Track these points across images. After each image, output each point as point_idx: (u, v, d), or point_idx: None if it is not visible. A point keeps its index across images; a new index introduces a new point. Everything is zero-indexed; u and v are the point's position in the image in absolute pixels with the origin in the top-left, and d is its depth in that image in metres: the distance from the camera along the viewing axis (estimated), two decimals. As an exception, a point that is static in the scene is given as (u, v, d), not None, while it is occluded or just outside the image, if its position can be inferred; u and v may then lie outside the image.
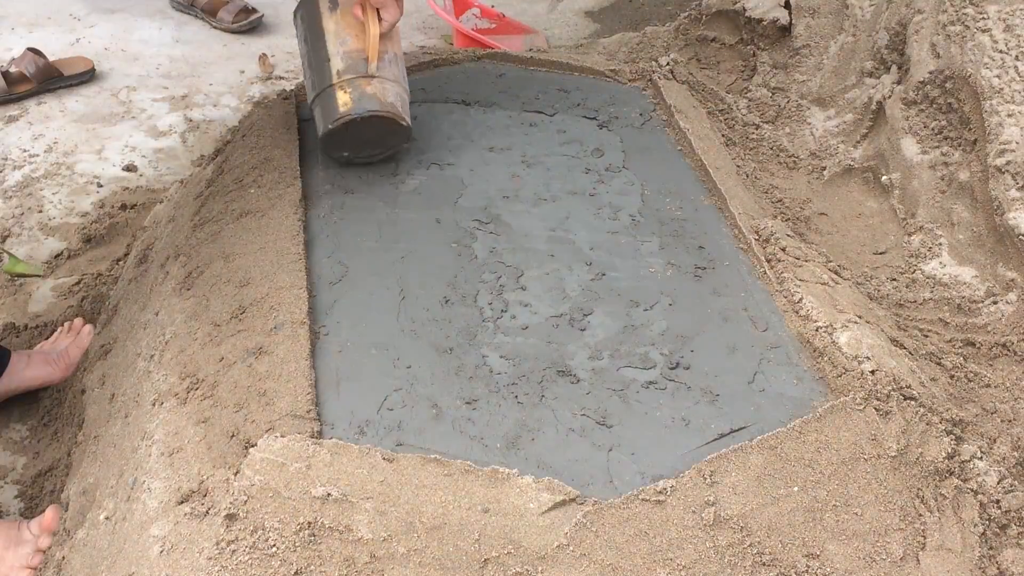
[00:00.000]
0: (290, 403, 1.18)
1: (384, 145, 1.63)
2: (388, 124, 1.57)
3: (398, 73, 1.61)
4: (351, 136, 1.58)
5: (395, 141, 1.63)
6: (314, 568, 1.03)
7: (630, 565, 1.05)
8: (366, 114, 1.55)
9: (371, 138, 1.60)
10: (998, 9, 1.74)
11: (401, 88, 1.61)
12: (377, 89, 1.56)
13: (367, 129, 1.57)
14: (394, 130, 1.59)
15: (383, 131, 1.59)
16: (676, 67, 2.08)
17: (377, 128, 1.58)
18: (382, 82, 1.57)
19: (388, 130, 1.59)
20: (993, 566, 1.18)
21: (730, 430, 1.20)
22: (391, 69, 1.59)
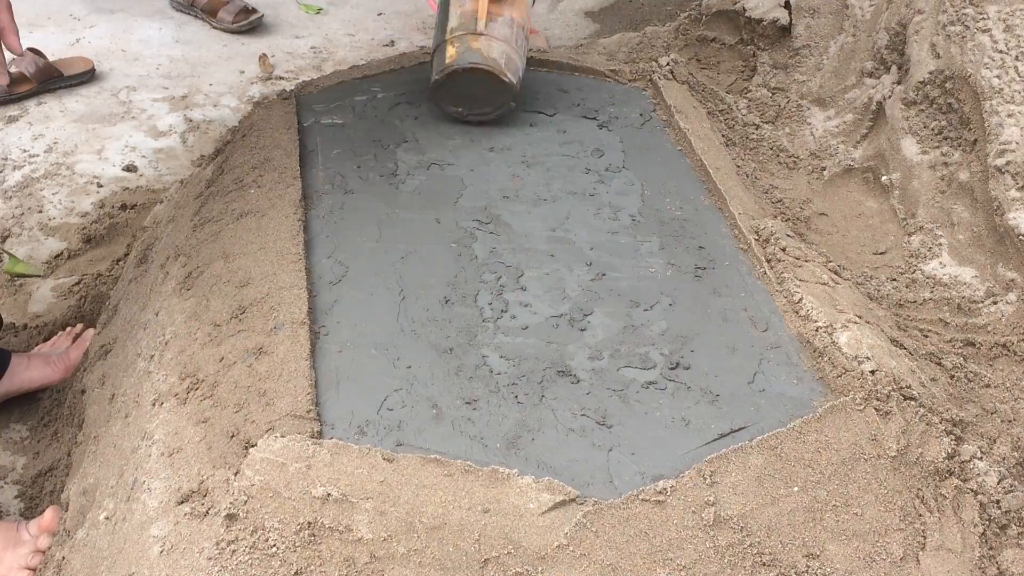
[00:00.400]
0: (290, 403, 1.18)
1: (491, 102, 1.71)
2: (491, 80, 1.65)
3: (511, 36, 1.69)
4: (459, 90, 1.68)
5: (500, 99, 1.70)
6: (314, 568, 1.03)
7: (630, 565, 1.05)
8: (467, 65, 1.64)
9: (478, 94, 1.68)
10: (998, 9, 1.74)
11: (511, 49, 1.68)
12: (483, 45, 1.65)
13: (473, 83, 1.66)
14: (498, 87, 1.67)
15: (488, 87, 1.67)
16: (676, 67, 2.08)
17: (482, 83, 1.66)
18: (489, 39, 1.66)
19: (492, 86, 1.67)
20: (993, 566, 1.18)
21: (730, 430, 1.20)
22: (503, 30, 1.67)
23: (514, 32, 1.70)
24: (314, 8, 3.14)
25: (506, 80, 1.66)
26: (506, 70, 1.67)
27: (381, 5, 3.17)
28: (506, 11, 1.70)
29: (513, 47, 1.69)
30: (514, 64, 1.69)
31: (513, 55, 1.69)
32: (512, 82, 1.68)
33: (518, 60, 1.71)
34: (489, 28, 1.67)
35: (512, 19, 1.70)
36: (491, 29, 1.67)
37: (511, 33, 1.70)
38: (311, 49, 2.93)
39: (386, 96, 1.87)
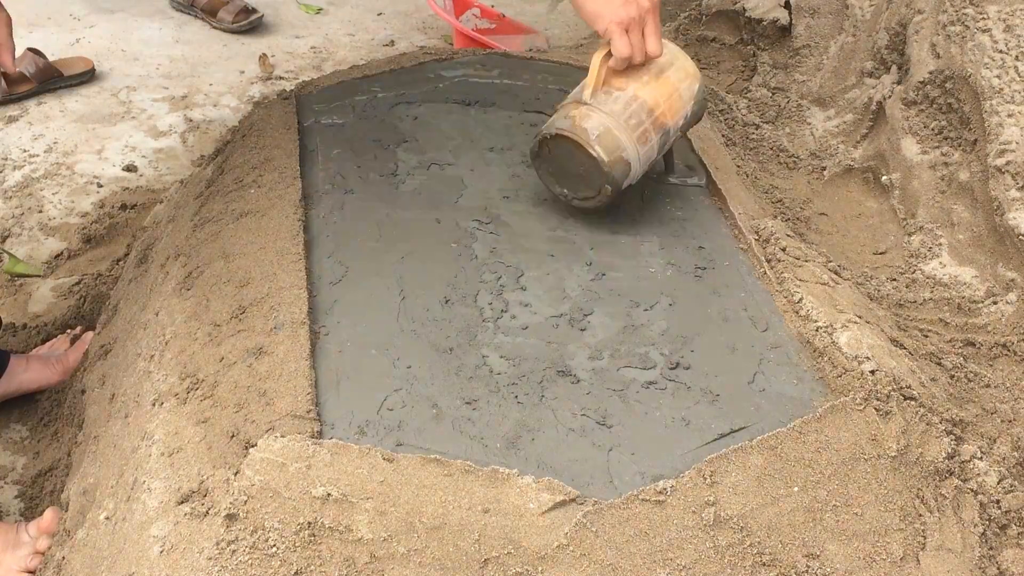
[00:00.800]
0: (290, 403, 1.18)
1: (587, 183, 1.48)
2: (579, 152, 1.43)
3: (623, 113, 1.43)
4: (555, 164, 1.49)
5: (594, 180, 1.46)
6: (314, 568, 1.03)
7: (630, 565, 1.05)
8: (552, 132, 1.45)
9: (572, 171, 1.48)
10: (998, 9, 1.75)
11: (618, 126, 1.43)
12: (580, 113, 1.44)
13: (564, 156, 1.47)
14: (588, 164, 1.44)
15: (578, 161, 1.45)
16: (676, 67, 2.07)
17: (572, 156, 1.45)
18: (592, 109, 1.43)
19: (582, 161, 1.44)
20: (993, 566, 1.18)
21: (730, 430, 1.20)
22: (614, 106, 1.43)
23: (630, 111, 1.43)
24: (314, 8, 3.15)
25: (594, 154, 1.42)
26: (595, 143, 1.42)
27: (381, 5, 3.17)
28: (631, 87, 1.44)
29: (623, 126, 1.42)
30: (613, 141, 1.42)
31: (618, 133, 1.42)
32: (601, 157, 1.42)
33: (625, 140, 1.43)
34: (597, 99, 1.44)
35: (636, 98, 1.44)
36: (600, 101, 1.44)
37: (625, 111, 1.43)
38: (311, 49, 2.93)
39: (386, 96, 1.87)
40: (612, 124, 1.42)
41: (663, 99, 1.45)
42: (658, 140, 1.48)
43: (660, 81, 1.45)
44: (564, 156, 1.46)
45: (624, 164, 1.44)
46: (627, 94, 1.44)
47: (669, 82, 1.46)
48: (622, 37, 1.38)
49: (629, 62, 1.41)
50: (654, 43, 1.40)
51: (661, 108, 1.45)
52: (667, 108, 1.46)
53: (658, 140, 1.48)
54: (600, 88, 1.44)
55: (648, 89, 1.44)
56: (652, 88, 1.45)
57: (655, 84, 1.45)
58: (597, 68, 1.42)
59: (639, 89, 1.44)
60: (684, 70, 1.49)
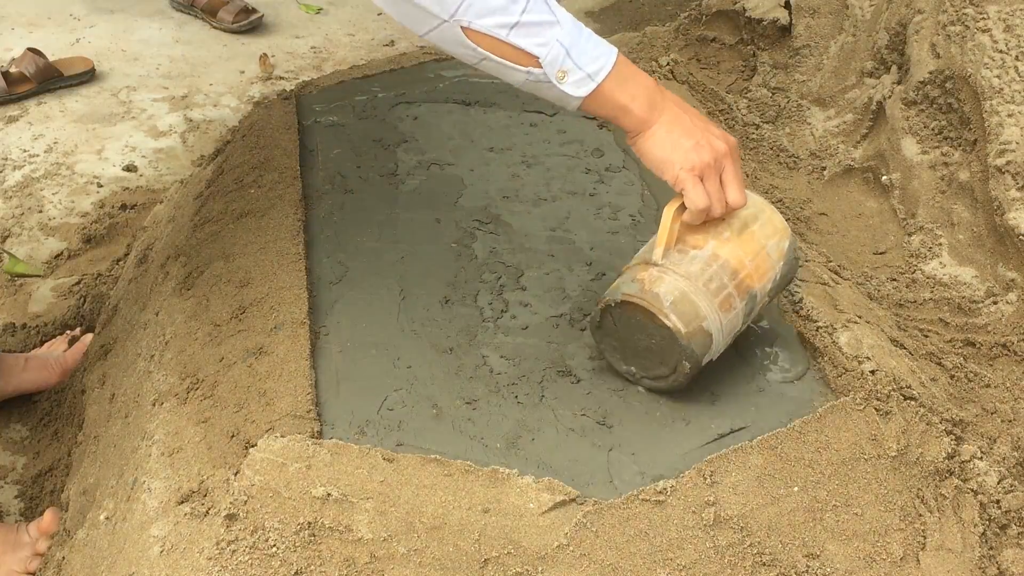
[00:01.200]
0: (290, 403, 1.18)
1: (662, 359, 1.22)
2: (651, 322, 1.19)
3: (702, 274, 1.20)
4: (621, 335, 1.25)
5: (670, 355, 1.21)
6: (314, 568, 1.03)
7: (630, 565, 1.05)
8: (619, 298, 1.21)
9: (642, 344, 1.23)
10: (998, 9, 1.74)
11: (695, 289, 1.19)
12: (649, 277, 1.21)
13: (632, 327, 1.22)
14: (662, 336, 1.20)
15: (650, 333, 1.21)
16: (676, 67, 2.08)
17: (642, 328, 1.21)
18: (664, 271, 1.21)
19: (655, 333, 1.20)
20: (993, 566, 1.18)
21: (730, 430, 1.20)
22: (691, 267, 1.21)
23: (710, 272, 1.20)
24: (314, 8, 3.15)
25: (668, 324, 1.18)
26: (669, 311, 1.18)
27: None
28: (710, 244, 1.22)
29: (701, 291, 1.19)
30: (692, 309, 1.18)
31: (696, 299, 1.19)
32: (678, 328, 1.17)
33: (704, 308, 1.19)
34: (670, 259, 1.21)
35: (717, 257, 1.21)
36: (673, 261, 1.21)
37: (704, 272, 1.20)
38: (311, 49, 2.93)
39: (386, 96, 1.87)
40: (689, 288, 1.20)
41: (748, 258, 1.23)
42: (743, 307, 1.23)
43: (744, 237, 1.23)
44: (632, 327, 1.23)
45: (705, 335, 1.20)
46: (705, 253, 1.22)
47: (755, 238, 1.24)
48: (696, 186, 1.17)
49: (706, 215, 1.19)
50: (735, 192, 1.20)
51: (746, 269, 1.22)
52: (753, 269, 1.23)
53: (743, 307, 1.23)
54: (673, 247, 1.23)
55: (730, 247, 1.22)
56: (734, 246, 1.22)
57: (738, 241, 1.23)
58: (669, 223, 1.22)
59: (719, 247, 1.22)
60: (772, 224, 1.27)
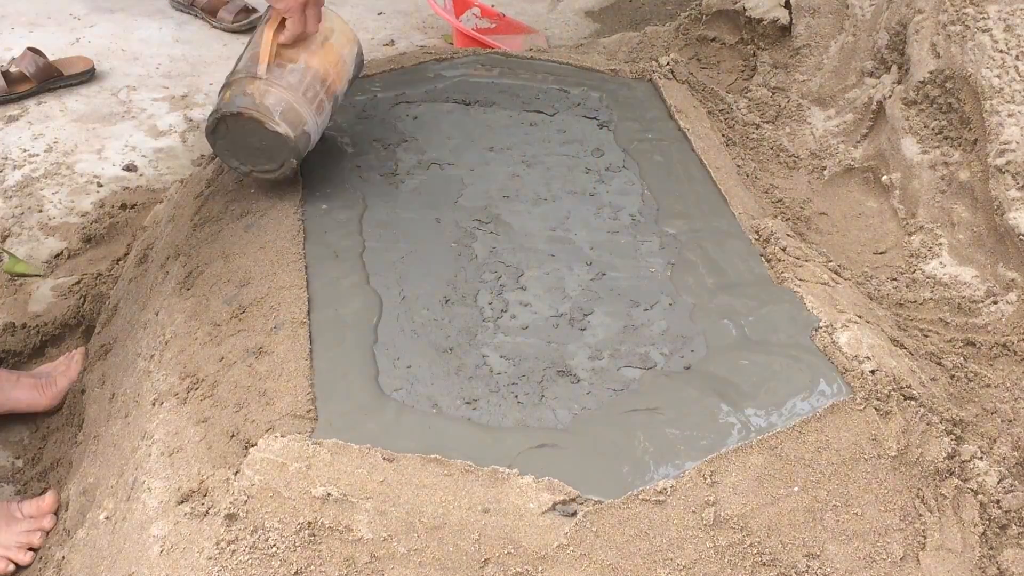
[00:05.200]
0: (290, 403, 1.18)
1: (271, 157, 1.50)
2: (262, 130, 1.46)
3: (300, 85, 1.47)
4: (237, 140, 1.49)
5: (280, 154, 1.49)
6: (314, 568, 1.03)
7: (630, 565, 1.05)
8: (234, 109, 1.45)
9: (257, 146, 1.48)
10: (998, 9, 1.74)
11: (297, 99, 1.47)
12: (258, 89, 1.45)
13: (247, 133, 1.47)
14: (273, 140, 1.47)
15: (263, 138, 1.47)
16: (676, 67, 2.08)
17: (256, 133, 1.46)
18: (269, 84, 1.45)
19: (267, 138, 1.47)
20: (993, 566, 1.18)
21: (731, 430, 1.20)
22: (291, 79, 1.47)
23: (306, 83, 1.48)
24: None
25: (280, 131, 1.45)
26: (280, 120, 1.45)
27: (381, 5, 3.17)
28: (302, 58, 1.48)
29: (301, 98, 1.47)
30: (295, 115, 1.47)
31: (299, 107, 1.47)
32: (287, 134, 1.46)
33: (305, 114, 1.48)
34: (273, 74, 1.46)
35: (307, 68, 1.49)
36: (275, 75, 1.46)
37: (301, 83, 1.47)
38: (311, 49, 2.92)
39: (386, 96, 1.87)
40: (293, 99, 1.46)
41: (332, 67, 1.52)
42: (330, 108, 1.55)
43: (326, 49, 1.51)
44: (245, 133, 1.47)
45: (306, 136, 1.49)
46: (300, 66, 1.48)
47: (334, 49, 1.53)
48: (301, 16, 1.43)
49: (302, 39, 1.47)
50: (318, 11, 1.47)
51: (331, 76, 1.52)
52: (336, 76, 1.53)
53: (330, 108, 1.55)
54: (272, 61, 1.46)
55: (317, 58, 1.50)
56: (320, 57, 1.50)
57: (323, 53, 1.50)
58: (270, 42, 1.45)
59: (310, 59, 1.49)
60: (345, 35, 1.55)
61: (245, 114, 1.45)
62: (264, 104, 1.45)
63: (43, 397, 1.64)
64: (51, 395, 1.64)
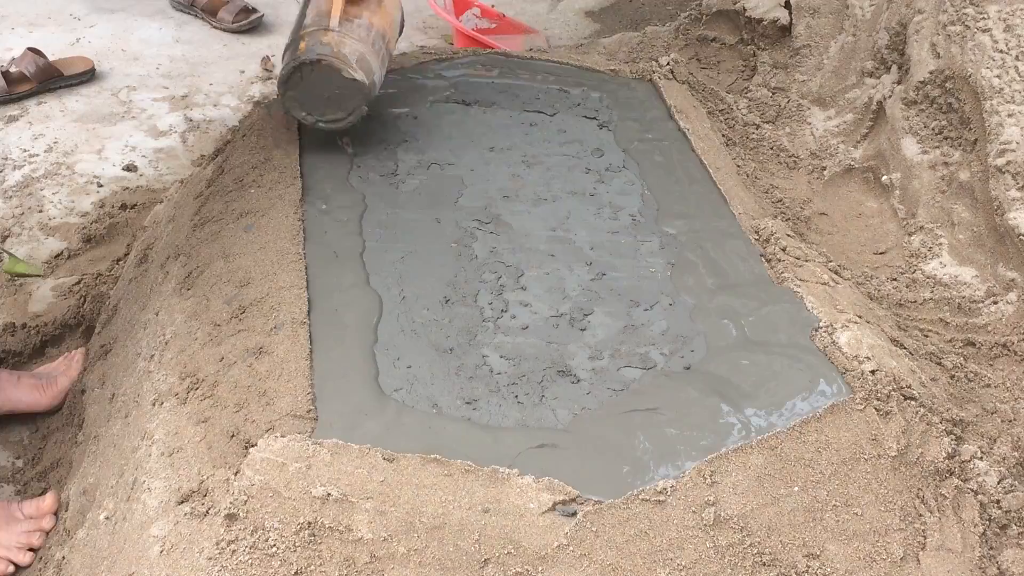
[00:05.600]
0: (290, 403, 1.18)
1: (342, 105, 1.60)
2: (339, 77, 1.56)
3: (368, 39, 1.59)
4: (309, 90, 1.58)
5: (352, 101, 1.60)
6: (314, 568, 1.03)
7: (630, 565, 1.05)
8: (314, 57, 1.54)
9: (328, 95, 1.58)
10: (998, 9, 1.74)
11: (368, 50, 1.59)
12: (333, 40, 1.56)
13: (321, 82, 1.56)
14: (348, 86, 1.57)
15: (337, 85, 1.57)
16: (676, 67, 2.08)
17: (331, 81, 1.56)
18: (342, 36, 1.56)
19: (342, 85, 1.57)
20: (993, 566, 1.18)
21: (732, 430, 1.20)
22: (359, 32, 1.59)
23: (371, 36, 1.61)
24: None
25: (357, 78, 1.56)
26: (357, 67, 1.56)
27: (381, 5, 3.17)
28: (365, 15, 1.61)
29: (370, 49, 1.60)
30: (367, 64, 1.59)
31: (369, 57, 1.60)
32: (363, 80, 1.57)
33: (374, 65, 1.61)
34: (343, 27, 1.58)
35: (371, 25, 1.62)
36: (345, 28, 1.58)
37: (368, 36, 1.60)
38: (311, 49, 2.92)
39: (386, 96, 1.87)
40: (364, 50, 1.59)
41: (388, 27, 1.66)
42: (387, 63, 1.68)
43: (383, 9, 1.66)
44: (318, 81, 1.56)
45: (374, 86, 1.62)
46: (364, 21, 1.61)
47: (388, 11, 1.67)
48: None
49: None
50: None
51: (389, 34, 1.67)
52: (391, 35, 1.68)
53: (387, 63, 1.68)
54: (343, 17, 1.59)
55: (377, 17, 1.63)
56: (380, 16, 1.64)
57: (381, 12, 1.65)
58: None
59: (371, 16, 1.62)
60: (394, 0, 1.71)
61: (324, 61, 1.54)
62: (342, 52, 1.55)
63: (44, 397, 1.64)
64: (52, 395, 1.64)
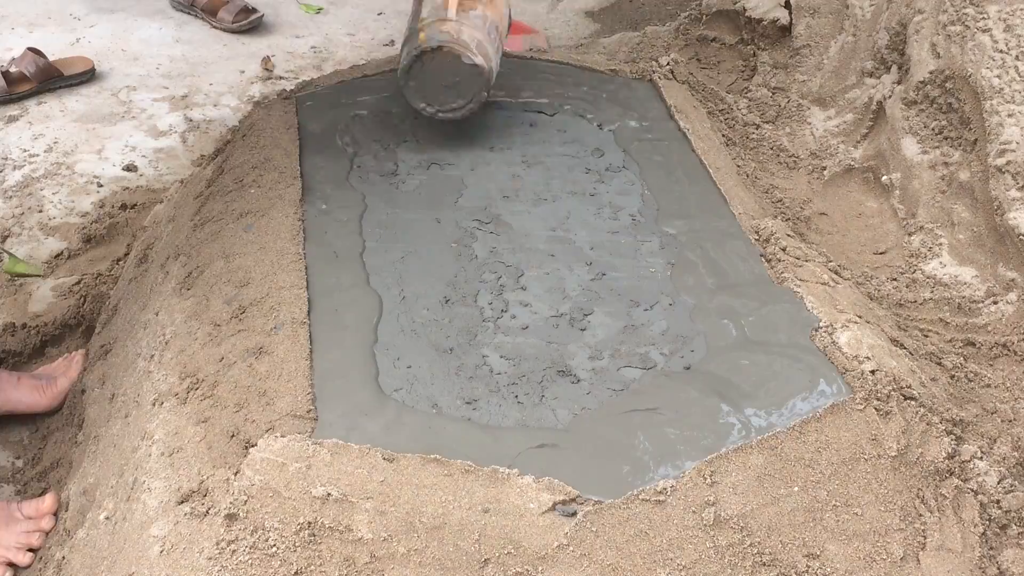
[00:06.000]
0: (290, 403, 1.18)
1: (462, 92, 1.63)
2: (461, 64, 1.60)
3: (483, 28, 1.63)
4: (429, 80, 1.62)
5: (472, 87, 1.63)
6: (314, 568, 1.03)
7: (630, 565, 1.05)
8: (436, 44, 1.58)
9: (449, 83, 1.62)
10: (998, 9, 1.74)
11: (484, 38, 1.62)
12: (452, 28, 1.60)
13: (442, 70, 1.61)
14: (469, 73, 1.61)
15: (458, 72, 1.61)
16: (676, 67, 2.08)
17: (452, 68, 1.60)
18: (461, 24, 1.61)
19: (463, 71, 1.60)
20: (993, 566, 1.18)
21: (732, 430, 1.20)
22: (476, 22, 1.63)
23: (487, 26, 1.65)
24: (314, 8, 3.15)
25: (477, 62, 1.60)
26: (477, 52, 1.61)
27: (381, 5, 3.17)
28: (479, 7, 1.66)
29: (487, 38, 1.64)
30: (485, 50, 1.63)
31: (486, 44, 1.64)
32: (483, 65, 1.61)
33: (491, 52, 1.65)
34: (460, 17, 1.62)
35: (486, 16, 1.66)
36: (462, 18, 1.62)
37: (483, 26, 1.65)
38: (311, 49, 2.92)
39: (386, 96, 1.87)
40: (482, 37, 1.62)
41: (499, 19, 1.70)
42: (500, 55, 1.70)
43: (494, 4, 1.70)
44: (439, 70, 1.61)
45: (492, 73, 1.65)
46: (479, 12, 1.64)
47: (498, 6, 1.71)
48: None
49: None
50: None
51: (501, 26, 1.70)
52: (502, 27, 1.72)
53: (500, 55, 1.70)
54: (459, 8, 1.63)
55: (490, 9, 1.67)
56: (492, 9, 1.68)
57: (493, 5, 1.69)
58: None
59: (485, 9, 1.66)
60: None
61: (445, 48, 1.59)
62: (462, 39, 1.59)
63: (43, 398, 1.64)
64: (51, 396, 1.64)
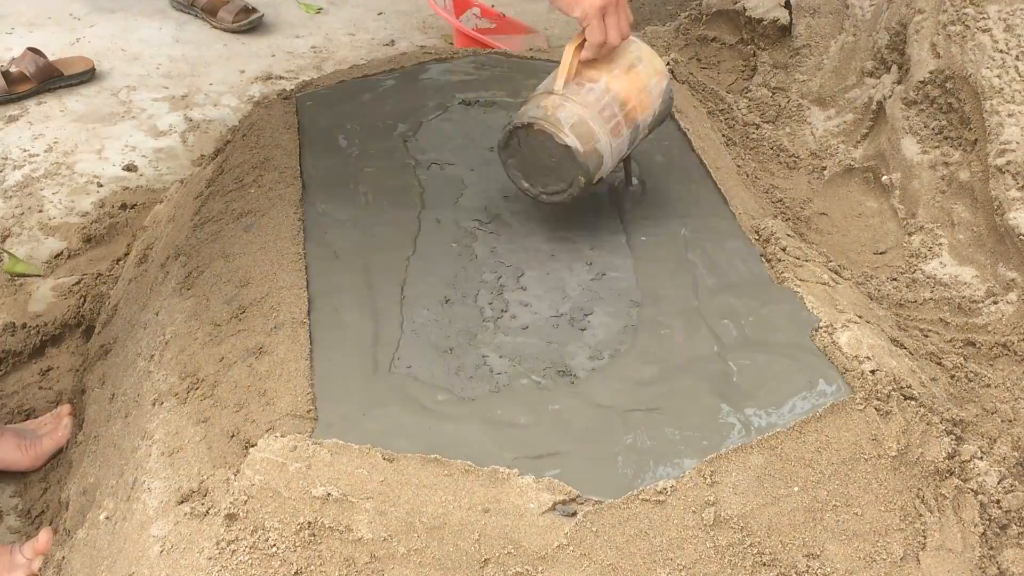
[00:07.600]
0: (290, 403, 1.18)
1: (559, 175, 1.43)
2: (551, 143, 1.40)
3: (596, 104, 1.41)
4: (527, 158, 1.45)
5: (567, 171, 1.42)
6: (314, 568, 1.03)
7: (630, 565, 1.05)
8: (526, 120, 1.41)
9: (546, 164, 1.43)
10: (998, 9, 1.75)
11: (592, 115, 1.40)
12: (552, 103, 1.41)
13: (539, 149, 1.42)
14: (561, 154, 1.40)
15: (554, 153, 1.41)
16: (676, 67, 2.08)
17: (544, 148, 1.41)
18: (564, 99, 1.40)
19: (555, 152, 1.41)
20: (993, 566, 1.18)
21: (731, 430, 1.20)
22: (588, 97, 1.41)
23: (603, 102, 1.41)
24: (314, 8, 3.15)
25: (568, 143, 1.38)
26: (569, 133, 1.39)
27: (381, 5, 3.17)
28: (604, 79, 1.42)
29: (596, 115, 1.41)
30: (587, 130, 1.40)
31: (592, 123, 1.40)
32: (575, 147, 1.39)
33: (599, 131, 1.40)
34: (568, 90, 1.41)
35: (608, 89, 1.42)
36: (570, 91, 1.41)
37: (598, 102, 1.41)
38: (311, 49, 2.92)
39: (386, 96, 1.87)
40: (586, 114, 1.40)
41: (634, 94, 1.44)
42: (629, 135, 1.46)
43: (631, 75, 1.44)
44: (535, 148, 1.43)
45: (597, 155, 1.42)
46: (600, 86, 1.42)
47: (639, 77, 1.45)
48: (600, 23, 1.36)
49: (604, 48, 1.39)
50: (625, 25, 1.40)
51: (632, 102, 1.44)
52: (638, 103, 1.45)
53: (629, 135, 1.46)
54: (572, 80, 1.42)
55: (620, 82, 1.43)
56: (623, 82, 1.43)
57: (626, 78, 1.44)
58: (570, 59, 1.41)
59: (611, 82, 1.43)
60: (653, 66, 1.48)
61: (536, 125, 1.40)
62: (556, 116, 1.40)
63: (24, 458, 1.55)
64: (33, 456, 1.55)
